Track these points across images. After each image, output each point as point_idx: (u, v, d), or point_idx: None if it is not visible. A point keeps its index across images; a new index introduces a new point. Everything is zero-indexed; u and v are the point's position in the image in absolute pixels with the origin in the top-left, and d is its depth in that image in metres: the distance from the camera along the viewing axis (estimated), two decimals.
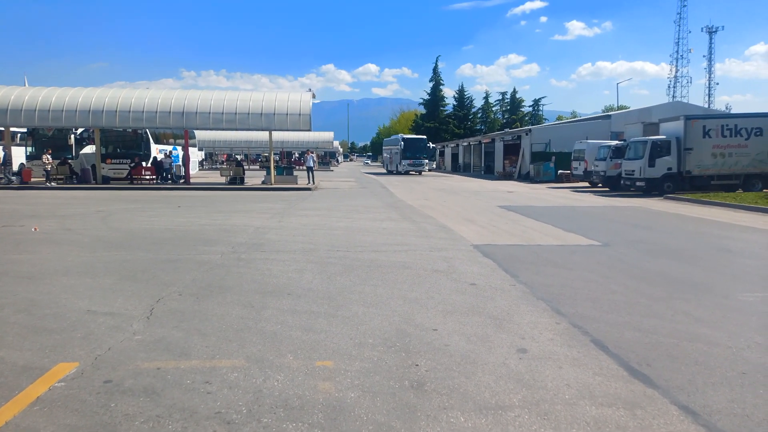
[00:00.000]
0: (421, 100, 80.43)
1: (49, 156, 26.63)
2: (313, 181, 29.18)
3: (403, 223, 13.57)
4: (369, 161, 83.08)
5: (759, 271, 8.19)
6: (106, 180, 27.65)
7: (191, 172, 30.88)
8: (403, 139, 49.54)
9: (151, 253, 9.19)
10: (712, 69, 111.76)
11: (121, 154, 29.44)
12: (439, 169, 65.63)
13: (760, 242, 11.02)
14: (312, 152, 35.00)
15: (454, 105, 77.22)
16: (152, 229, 12.20)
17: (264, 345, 4.82)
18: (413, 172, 49.32)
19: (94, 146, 28.37)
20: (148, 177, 28.35)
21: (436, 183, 34.14)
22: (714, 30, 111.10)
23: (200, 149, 52.88)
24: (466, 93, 77.87)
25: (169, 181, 28.70)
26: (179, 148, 32.31)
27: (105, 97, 26.29)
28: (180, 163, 30.92)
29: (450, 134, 71.44)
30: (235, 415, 3.55)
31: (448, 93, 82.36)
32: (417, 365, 4.40)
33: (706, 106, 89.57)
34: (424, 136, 53.50)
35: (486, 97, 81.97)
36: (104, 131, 28.23)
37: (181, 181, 29.22)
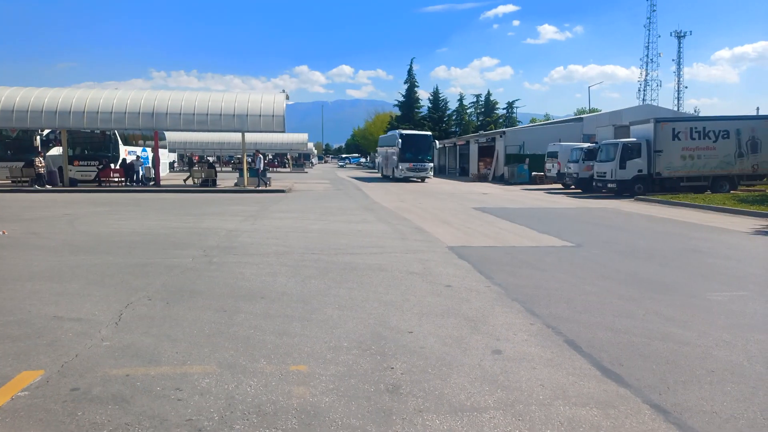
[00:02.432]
0: (396, 102, 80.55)
1: (41, 159, 25.95)
2: (266, 183, 28.02)
3: (378, 225, 13.54)
4: (344, 163, 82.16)
5: (727, 270, 8.38)
6: (74, 182, 26.99)
7: (161, 174, 30.36)
8: (402, 136, 38.73)
9: (120, 257, 8.98)
10: (681, 73, 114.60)
11: (89, 156, 28.81)
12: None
13: (727, 242, 11.29)
14: (260, 153, 30.93)
15: (428, 107, 77.47)
16: (121, 233, 11.94)
17: (236, 350, 4.73)
18: (415, 179, 38.34)
19: (60, 148, 27.70)
20: (116, 179, 27.79)
21: (412, 185, 34.21)
22: (682, 35, 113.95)
23: (171, 151, 52.07)
24: (440, 95, 78.22)
25: (139, 184, 28.17)
26: (149, 149, 31.75)
27: (72, 98, 25.67)
28: (150, 165, 30.39)
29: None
30: (206, 422, 3.47)
31: (423, 95, 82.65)
32: (392, 368, 4.37)
33: (676, 109, 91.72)
34: (429, 132, 43.43)
35: (460, 100, 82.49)
36: (71, 132, 27.59)
37: (151, 183, 28.71)
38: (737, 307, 6.27)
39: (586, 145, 29.50)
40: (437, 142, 43.41)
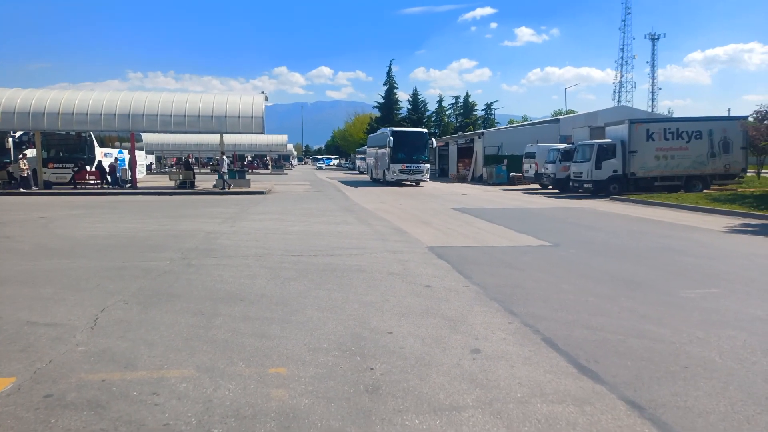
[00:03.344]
0: (376, 104, 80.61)
1: (26, 161, 25.36)
2: (229, 185, 27.46)
3: (358, 226, 13.53)
4: (323, 164, 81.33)
5: (699, 268, 8.55)
6: (48, 185, 26.49)
7: (138, 176, 29.94)
8: (394, 134, 33.90)
9: (96, 261, 8.84)
10: (655, 75, 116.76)
11: (64, 158, 28.28)
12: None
13: (700, 241, 11.53)
14: (224, 154, 30.02)
15: (408, 108, 77.69)
16: (97, 236, 11.75)
17: (215, 353, 4.69)
18: (408, 182, 34.27)
19: (34, 150, 27.16)
20: (92, 182, 27.34)
21: (392, 186, 34.24)
22: (656, 37, 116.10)
23: (149, 152, 51.39)
24: (420, 97, 78.52)
25: (116, 186, 27.74)
26: (125, 151, 31.29)
27: (46, 99, 25.18)
28: (126, 167, 29.96)
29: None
30: (184, 427, 3.44)
31: (403, 96, 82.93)
32: (372, 369, 4.38)
33: (650, 110, 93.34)
34: (424, 129, 38.90)
35: (440, 101, 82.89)
36: (46, 134, 27.07)
37: (128, 185, 28.31)
38: (710, 304, 6.41)
39: (562, 146, 29.86)
40: (434, 140, 37.43)
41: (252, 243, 10.76)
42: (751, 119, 23.80)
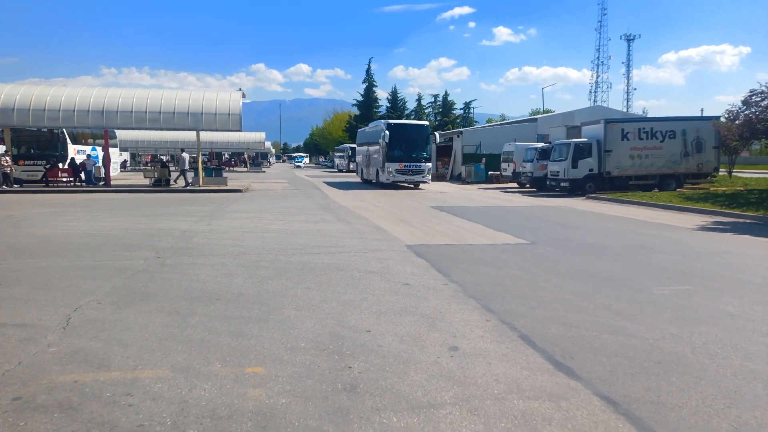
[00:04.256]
0: (355, 102, 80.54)
1: (8, 158, 24.64)
2: (187, 182, 27.03)
3: (337, 224, 13.49)
4: (302, 163, 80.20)
5: (673, 266, 8.71)
6: (19, 183, 25.86)
7: (112, 173, 29.42)
8: (390, 127, 29.07)
9: (68, 260, 8.66)
10: (630, 75, 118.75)
11: (36, 155, 27.64)
12: None
13: (673, 239, 11.74)
14: (184, 151, 28.96)
15: (387, 107, 77.78)
16: (69, 235, 11.51)
17: (190, 353, 4.63)
18: (406, 184, 29.82)
19: (3, 147, 26.51)
20: (65, 179, 26.78)
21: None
22: (632, 38, 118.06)
23: (124, 150, 50.55)
24: (399, 95, 78.67)
25: (89, 184, 27.22)
26: (99, 148, 30.71)
27: (16, 95, 24.54)
28: (100, 164, 29.42)
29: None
30: (158, 428, 3.38)
31: (382, 95, 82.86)
32: (350, 367, 4.36)
33: (625, 110, 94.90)
34: (425, 122, 33.00)
35: (419, 100, 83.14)
36: (15, 131, 26.41)
37: (102, 183, 27.79)
38: (682, 300, 6.53)
39: (540, 145, 30.17)
40: (436, 134, 31.91)
41: (229, 242, 10.65)
42: (723, 119, 24.31)
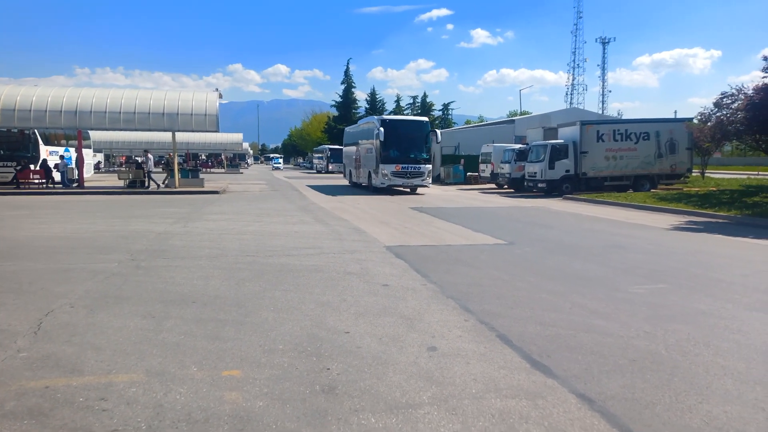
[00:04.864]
0: (333, 103, 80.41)
1: None
2: (156, 184, 26.67)
3: (315, 226, 13.44)
4: (280, 164, 79.09)
5: (647, 265, 8.86)
6: None
7: (86, 175, 28.89)
8: (385, 124, 25.54)
9: (40, 263, 8.47)
10: (605, 77, 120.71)
11: (6, 156, 27.01)
12: None
13: (647, 238, 11.95)
14: (149, 152, 28.27)
15: (366, 108, 77.83)
16: (41, 237, 11.26)
17: (165, 357, 4.56)
18: (403, 188, 26.55)
19: None
20: (36, 181, 26.22)
21: (341, 183, 34.16)
22: (607, 41, 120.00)
23: (98, 151, 49.66)
24: (377, 96, 78.79)
25: (62, 186, 26.68)
26: (72, 149, 30.14)
27: None
28: (73, 165, 28.87)
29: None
30: None
31: (361, 96, 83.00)
32: (328, 369, 4.34)
33: (600, 112, 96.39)
34: (425, 119, 28.56)
35: (397, 101, 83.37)
36: None
37: (75, 185, 27.27)
38: (656, 299, 6.64)
39: (517, 146, 30.47)
40: (438, 132, 27.88)
41: (205, 243, 10.53)
42: (695, 121, 24.84)
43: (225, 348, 4.79)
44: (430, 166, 26.23)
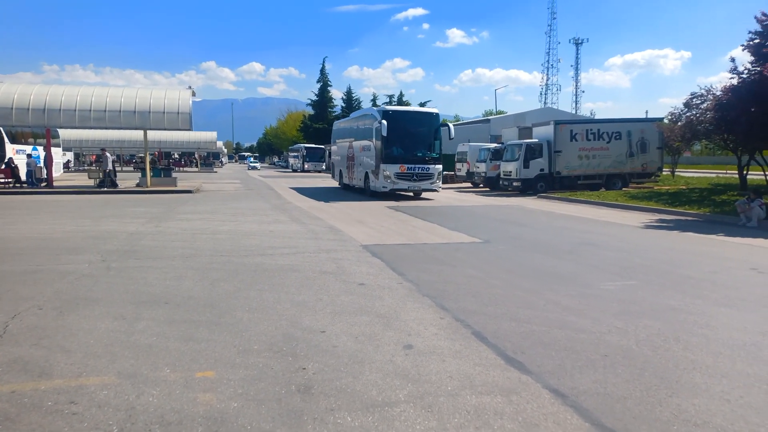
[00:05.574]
0: (309, 101, 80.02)
1: None
2: (114, 185, 25.90)
3: (291, 225, 13.35)
4: (257, 164, 77.79)
5: (618, 262, 9.02)
6: None
7: (55, 174, 28.23)
8: (387, 116, 21.63)
9: (7, 265, 8.25)
10: (579, 78, 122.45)
11: None
12: (329, 170, 65.35)
13: (618, 236, 12.17)
14: (106, 151, 27.31)
15: (342, 106, 77.61)
16: (7, 238, 10.96)
17: (137, 359, 4.48)
18: (405, 191, 23.17)
19: None
20: (2, 180, 25.52)
21: (322, 182, 34.03)
22: (580, 42, 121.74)
23: (67, 149, 48.57)
24: (354, 95, 78.64)
25: (30, 185, 26.01)
26: (40, 148, 29.41)
27: None
28: (41, 164, 28.17)
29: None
30: None
31: (337, 94, 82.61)
32: (304, 369, 4.32)
33: (574, 112, 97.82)
34: (434, 110, 23.74)
35: (374, 100, 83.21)
36: None
37: (43, 184, 26.62)
38: (627, 295, 6.77)
39: (493, 145, 30.74)
40: (450, 126, 23.61)
41: (178, 243, 10.38)
42: (666, 121, 25.38)
43: (198, 349, 4.73)
44: (440, 167, 22.68)
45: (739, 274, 8.21)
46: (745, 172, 22.19)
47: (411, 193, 23.41)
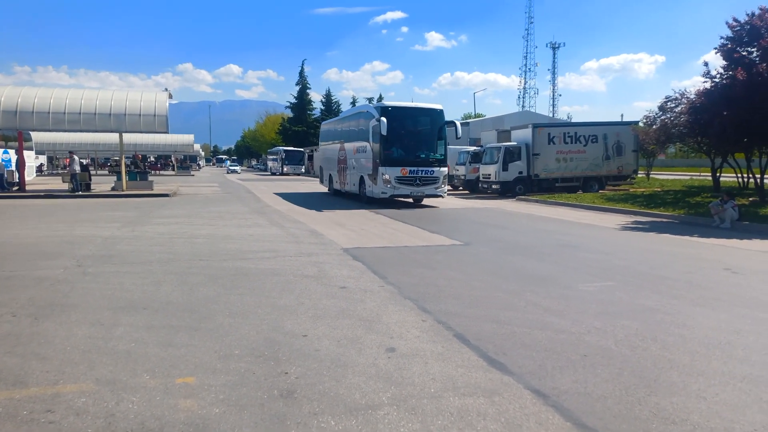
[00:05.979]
0: (288, 104, 79.60)
1: None
2: (80, 188, 25.33)
3: (271, 228, 13.26)
4: (237, 167, 76.52)
5: (596, 263, 9.15)
6: None
7: (27, 178, 27.64)
8: (386, 113, 19.08)
9: None
10: (556, 82, 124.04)
11: None
12: (308, 173, 65.08)
13: (597, 237, 12.34)
14: (74, 154, 26.66)
15: (321, 109, 77.40)
16: None
17: (116, 365, 4.41)
18: (405, 198, 21.06)
19: None
20: None
21: (306, 186, 33.88)
22: (557, 46, 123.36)
23: (40, 153, 47.65)
24: (333, 97, 78.52)
25: (2, 190, 25.43)
26: (12, 151, 28.78)
27: None
28: (13, 168, 27.56)
29: (319, 138, 70.07)
30: None
31: (316, 97, 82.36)
32: (287, 373, 4.29)
33: (551, 115, 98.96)
34: (438, 106, 20.74)
35: (353, 102, 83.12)
36: None
37: (15, 188, 26.05)
38: (606, 296, 6.87)
39: (472, 148, 30.94)
40: (458, 125, 21.12)
41: (156, 248, 10.24)
42: (641, 124, 25.85)
43: (178, 355, 4.67)
44: (445, 170, 20.47)
45: (713, 274, 8.39)
46: (718, 175, 22.71)
47: (410, 200, 21.40)
